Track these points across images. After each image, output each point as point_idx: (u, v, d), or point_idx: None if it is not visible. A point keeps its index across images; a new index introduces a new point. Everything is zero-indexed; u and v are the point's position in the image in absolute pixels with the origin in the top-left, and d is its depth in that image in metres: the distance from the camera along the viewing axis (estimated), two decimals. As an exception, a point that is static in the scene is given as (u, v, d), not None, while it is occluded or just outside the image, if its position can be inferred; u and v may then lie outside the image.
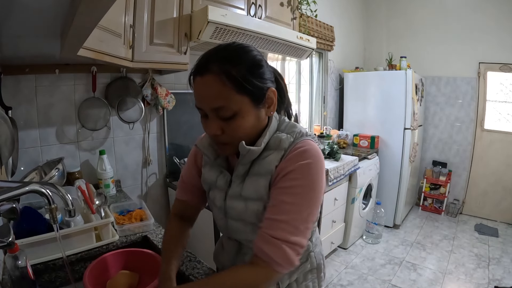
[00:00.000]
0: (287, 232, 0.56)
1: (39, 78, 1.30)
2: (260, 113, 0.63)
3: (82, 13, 0.48)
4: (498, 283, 2.12)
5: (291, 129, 0.66)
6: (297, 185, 0.58)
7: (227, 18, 1.34)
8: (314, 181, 0.60)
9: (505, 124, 3.15)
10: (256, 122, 0.62)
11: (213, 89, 0.57)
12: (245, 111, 0.59)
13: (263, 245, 0.57)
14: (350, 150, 2.79)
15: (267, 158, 0.63)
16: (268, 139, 0.64)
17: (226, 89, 0.56)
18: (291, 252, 0.56)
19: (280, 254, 0.55)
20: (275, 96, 0.64)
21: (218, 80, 0.56)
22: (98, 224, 0.97)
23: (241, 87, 0.57)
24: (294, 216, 0.57)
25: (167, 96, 1.67)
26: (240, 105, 0.58)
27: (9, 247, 0.60)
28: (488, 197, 3.26)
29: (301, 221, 0.58)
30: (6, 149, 0.76)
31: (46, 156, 1.36)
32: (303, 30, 2.36)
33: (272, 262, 0.56)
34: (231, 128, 0.60)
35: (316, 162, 0.60)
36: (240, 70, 0.57)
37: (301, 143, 0.62)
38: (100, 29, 0.95)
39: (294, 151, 0.61)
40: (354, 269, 2.34)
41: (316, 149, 0.62)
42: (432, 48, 3.38)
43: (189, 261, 0.87)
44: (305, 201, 0.59)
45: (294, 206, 0.58)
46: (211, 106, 0.58)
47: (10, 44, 0.82)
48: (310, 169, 0.59)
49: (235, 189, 0.68)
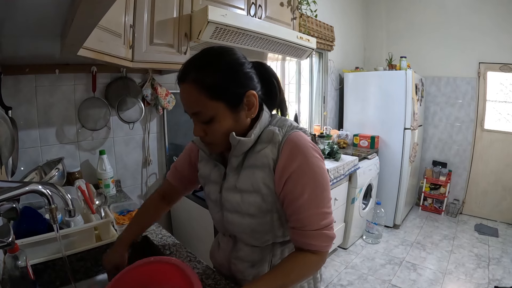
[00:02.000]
0: (319, 220, 0.63)
1: (39, 78, 1.30)
2: (239, 116, 0.65)
3: (82, 13, 0.48)
4: (498, 283, 2.12)
5: (282, 123, 0.69)
6: (307, 182, 0.63)
7: (227, 18, 1.34)
8: (318, 171, 0.64)
9: (505, 124, 3.15)
10: (234, 125, 0.65)
11: (190, 96, 0.62)
12: (221, 116, 0.63)
13: (306, 240, 0.64)
14: (350, 150, 2.79)
15: (262, 152, 0.66)
16: (259, 131, 0.67)
17: (201, 97, 0.61)
18: (329, 232, 0.65)
19: (324, 239, 0.64)
20: (255, 98, 0.65)
21: (193, 88, 0.61)
22: (98, 224, 0.97)
23: (215, 94, 0.61)
24: (317, 208, 0.64)
25: (167, 96, 1.67)
26: (215, 110, 0.62)
27: (9, 247, 0.60)
28: (488, 197, 3.26)
29: (324, 207, 0.65)
30: (6, 149, 0.76)
31: (46, 156, 1.36)
32: (303, 30, 2.36)
33: (321, 248, 0.65)
34: (211, 131, 0.65)
35: (311, 152, 0.64)
36: (214, 77, 0.61)
37: (292, 135, 0.65)
38: (100, 29, 0.95)
39: (287, 145, 0.64)
40: (354, 269, 2.34)
41: (305, 140, 0.66)
42: (432, 48, 3.38)
43: (189, 261, 0.87)
44: (319, 191, 0.64)
45: (313, 201, 0.63)
46: (190, 111, 0.64)
47: (10, 44, 0.82)
48: (312, 163, 0.64)
49: (230, 181, 0.70)
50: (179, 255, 0.90)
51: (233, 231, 0.75)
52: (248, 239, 0.73)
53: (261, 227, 0.69)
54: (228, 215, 0.72)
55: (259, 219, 0.68)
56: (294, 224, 0.65)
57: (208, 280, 0.78)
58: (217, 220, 0.79)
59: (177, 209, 1.81)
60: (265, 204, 0.66)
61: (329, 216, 0.65)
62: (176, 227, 1.87)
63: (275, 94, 0.73)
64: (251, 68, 0.67)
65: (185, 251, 0.92)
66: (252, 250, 0.74)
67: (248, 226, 0.69)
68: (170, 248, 0.94)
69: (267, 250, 0.74)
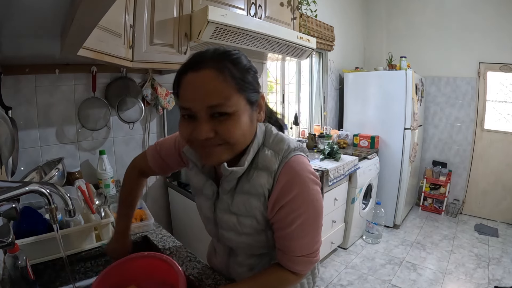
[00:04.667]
0: (306, 248, 0.63)
1: (39, 78, 1.30)
2: (253, 117, 0.60)
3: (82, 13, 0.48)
4: (498, 283, 2.12)
5: (278, 145, 0.62)
6: (300, 214, 0.60)
7: (227, 18, 1.34)
8: (313, 203, 0.61)
9: (505, 124, 3.15)
10: (250, 125, 0.58)
11: (212, 85, 0.53)
12: (242, 111, 0.55)
13: (290, 264, 0.64)
14: (350, 150, 2.79)
15: (256, 179, 0.61)
16: (252, 156, 0.61)
17: (227, 86, 0.53)
18: (313, 258, 0.65)
19: (306, 265, 0.65)
20: (263, 102, 0.62)
21: (217, 75, 0.53)
22: (98, 224, 0.97)
23: (241, 86, 0.55)
24: (308, 237, 0.63)
25: (167, 96, 1.67)
26: (238, 105, 0.54)
27: (9, 247, 0.60)
28: (488, 197, 3.26)
29: (313, 236, 0.64)
30: (6, 149, 0.76)
31: (46, 156, 1.36)
32: (303, 30, 2.36)
33: (302, 272, 0.66)
34: (226, 128, 0.54)
35: (308, 183, 0.59)
36: (239, 70, 0.55)
37: (290, 162, 0.60)
38: (100, 29, 0.94)
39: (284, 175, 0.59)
40: (354, 269, 2.33)
41: (305, 168, 0.60)
42: (432, 48, 3.38)
43: (189, 261, 0.87)
44: (313, 223, 0.63)
45: (306, 231, 0.62)
46: (207, 103, 0.53)
47: (10, 44, 0.82)
48: (308, 195, 0.60)
49: (223, 203, 0.66)
50: (179, 255, 0.90)
51: (229, 244, 0.73)
52: (244, 251, 0.72)
53: (258, 243, 0.68)
54: (224, 233, 0.70)
55: (255, 236, 0.66)
56: (281, 247, 0.65)
57: (208, 280, 0.78)
58: (212, 234, 0.77)
59: (177, 209, 1.81)
60: (260, 225, 0.65)
61: (316, 243, 0.65)
62: (176, 227, 1.87)
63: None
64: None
65: (185, 251, 0.92)
66: (250, 256, 0.73)
67: (244, 242, 0.68)
68: (170, 248, 0.94)
69: (264, 254, 0.73)
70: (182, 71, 0.56)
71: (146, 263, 0.73)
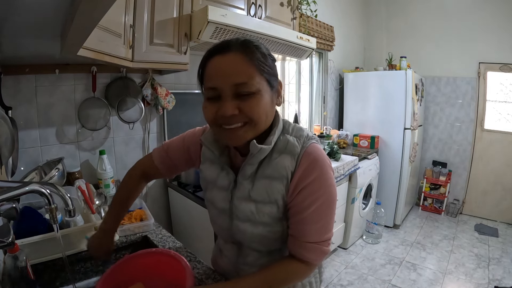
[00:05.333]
0: (320, 234, 0.64)
1: (39, 78, 1.30)
2: (273, 99, 0.65)
3: (82, 13, 0.48)
4: (498, 283, 2.12)
5: (298, 133, 0.68)
6: (318, 197, 0.63)
7: (227, 18, 1.34)
8: (330, 188, 0.65)
9: (505, 124, 3.15)
10: (270, 107, 0.63)
11: (237, 66, 0.58)
12: (264, 91, 0.61)
13: (301, 250, 0.64)
14: (350, 150, 2.79)
15: (279, 162, 0.64)
16: (277, 137, 0.66)
17: (250, 67, 0.59)
18: (325, 247, 0.65)
19: (318, 254, 0.64)
20: (281, 88, 0.68)
21: (242, 57, 0.59)
22: (98, 224, 0.97)
23: (262, 68, 0.60)
24: (323, 222, 0.65)
25: (167, 96, 1.67)
26: (260, 85, 0.60)
27: (9, 247, 0.60)
28: (488, 197, 3.26)
29: (327, 222, 0.66)
30: (6, 149, 0.76)
31: (46, 156, 1.36)
32: (303, 30, 2.36)
33: (313, 261, 0.65)
34: (250, 106, 0.59)
35: (327, 168, 0.65)
36: (261, 54, 0.61)
37: (310, 148, 0.65)
38: (100, 29, 0.95)
39: (305, 158, 0.64)
40: (354, 269, 2.33)
41: (323, 154, 0.66)
42: (432, 48, 3.38)
43: (189, 261, 0.87)
44: (328, 208, 0.65)
45: (321, 215, 0.64)
46: (233, 82, 0.58)
47: (10, 44, 0.81)
48: (326, 179, 0.64)
49: (243, 190, 0.67)
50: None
51: (241, 239, 0.71)
52: (257, 246, 0.71)
53: (272, 235, 0.67)
54: (239, 224, 0.68)
55: (271, 227, 0.66)
56: (294, 232, 0.65)
57: (208, 280, 0.78)
58: (223, 228, 0.74)
59: (177, 209, 1.81)
60: (279, 213, 0.65)
61: (329, 231, 0.66)
62: (176, 227, 1.87)
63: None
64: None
65: (185, 251, 0.92)
66: (260, 255, 0.72)
67: (259, 234, 0.67)
68: (170, 248, 0.94)
69: (275, 252, 0.72)
70: (208, 56, 0.62)
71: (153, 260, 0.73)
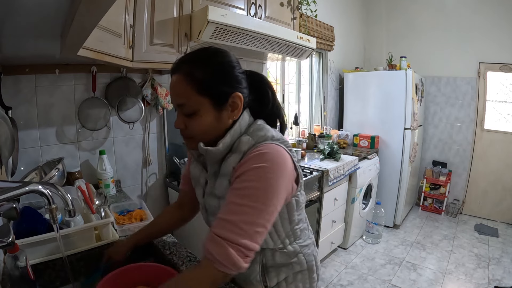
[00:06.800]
0: (234, 233, 0.55)
1: (39, 78, 1.30)
2: (221, 115, 0.66)
3: (82, 13, 0.48)
4: (498, 283, 2.12)
5: (256, 132, 0.67)
6: (248, 186, 0.58)
7: (227, 18, 1.34)
8: (267, 184, 0.58)
9: (505, 124, 3.15)
10: (215, 123, 0.66)
11: (177, 87, 0.65)
12: (204, 111, 0.64)
13: (208, 243, 0.57)
14: (350, 150, 2.79)
15: (228, 160, 0.66)
16: (229, 140, 0.66)
17: (189, 89, 0.63)
18: (235, 253, 0.55)
19: (223, 254, 0.55)
20: (240, 101, 0.66)
21: (183, 80, 0.64)
22: (98, 224, 0.97)
23: (202, 88, 0.63)
24: (242, 218, 0.57)
25: (167, 96, 1.67)
26: (199, 105, 0.64)
27: (9, 247, 0.60)
28: (488, 197, 3.26)
29: (249, 224, 0.57)
30: (6, 149, 0.76)
31: (46, 156, 1.36)
32: (303, 30, 2.36)
33: (215, 261, 0.55)
34: (192, 124, 0.66)
35: (273, 166, 0.60)
36: (204, 73, 0.63)
37: (261, 146, 0.63)
38: (100, 29, 0.95)
39: (250, 153, 0.62)
40: (354, 269, 2.33)
41: (276, 153, 0.61)
42: (432, 48, 3.38)
43: (189, 261, 0.87)
44: (256, 204, 0.57)
45: (244, 208, 0.57)
46: (176, 102, 0.66)
47: (10, 44, 0.81)
48: (265, 172, 0.59)
49: (209, 187, 0.73)
50: (179, 255, 0.90)
51: None
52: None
53: None
54: (211, 218, 0.75)
55: None
56: (213, 222, 0.61)
57: (208, 280, 0.78)
58: (205, 222, 0.82)
59: (177, 209, 1.81)
60: None
61: (250, 240, 0.56)
62: (176, 227, 1.86)
63: (266, 104, 0.73)
64: (242, 73, 0.69)
65: (185, 251, 0.92)
66: None
67: None
68: (170, 248, 0.94)
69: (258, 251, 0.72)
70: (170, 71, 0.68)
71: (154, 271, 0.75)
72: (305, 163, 2.22)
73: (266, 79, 0.75)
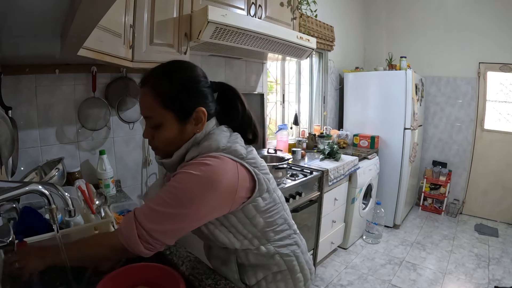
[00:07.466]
0: (146, 217, 0.61)
1: (39, 78, 1.30)
2: (185, 129, 0.69)
3: (82, 13, 0.48)
4: (498, 283, 2.12)
5: (202, 144, 0.69)
6: (171, 185, 0.63)
7: (227, 18, 1.34)
8: (186, 189, 0.61)
9: (505, 124, 3.15)
10: (179, 136, 0.69)
11: (144, 100, 0.68)
12: (167, 124, 0.68)
13: (125, 217, 0.65)
14: (350, 150, 2.79)
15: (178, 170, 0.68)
16: (183, 152, 0.70)
17: (154, 103, 0.66)
18: (136, 232, 0.60)
19: (127, 228, 0.62)
20: (204, 115, 0.69)
21: (149, 93, 0.67)
22: (98, 224, 0.97)
23: (167, 103, 0.66)
24: (154, 206, 0.62)
25: (167, 96, 1.67)
26: (164, 118, 0.67)
27: (9, 247, 0.60)
28: (488, 197, 3.26)
29: (156, 215, 0.61)
30: (6, 149, 0.76)
31: (46, 156, 1.36)
32: (303, 30, 2.36)
33: (119, 232, 0.63)
34: (157, 136, 0.70)
35: (203, 178, 0.61)
36: (169, 88, 0.66)
37: (202, 157, 0.65)
38: (100, 29, 0.94)
39: (191, 162, 0.65)
40: (354, 269, 2.34)
41: (214, 168, 0.62)
42: (432, 48, 3.38)
43: (189, 261, 0.87)
44: (171, 202, 0.61)
45: (161, 201, 0.62)
46: (143, 114, 0.70)
47: (10, 44, 0.81)
48: (190, 178, 0.61)
49: None
50: (179, 255, 0.90)
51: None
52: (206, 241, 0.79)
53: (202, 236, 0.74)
54: None
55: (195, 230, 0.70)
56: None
57: (208, 280, 0.78)
58: None
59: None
60: None
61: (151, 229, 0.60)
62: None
63: (235, 114, 0.76)
64: (208, 87, 0.72)
65: (185, 251, 0.92)
66: (219, 249, 0.78)
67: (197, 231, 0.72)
68: (170, 248, 0.93)
69: (231, 250, 0.76)
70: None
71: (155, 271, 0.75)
72: (305, 163, 2.22)
73: (234, 90, 0.77)
